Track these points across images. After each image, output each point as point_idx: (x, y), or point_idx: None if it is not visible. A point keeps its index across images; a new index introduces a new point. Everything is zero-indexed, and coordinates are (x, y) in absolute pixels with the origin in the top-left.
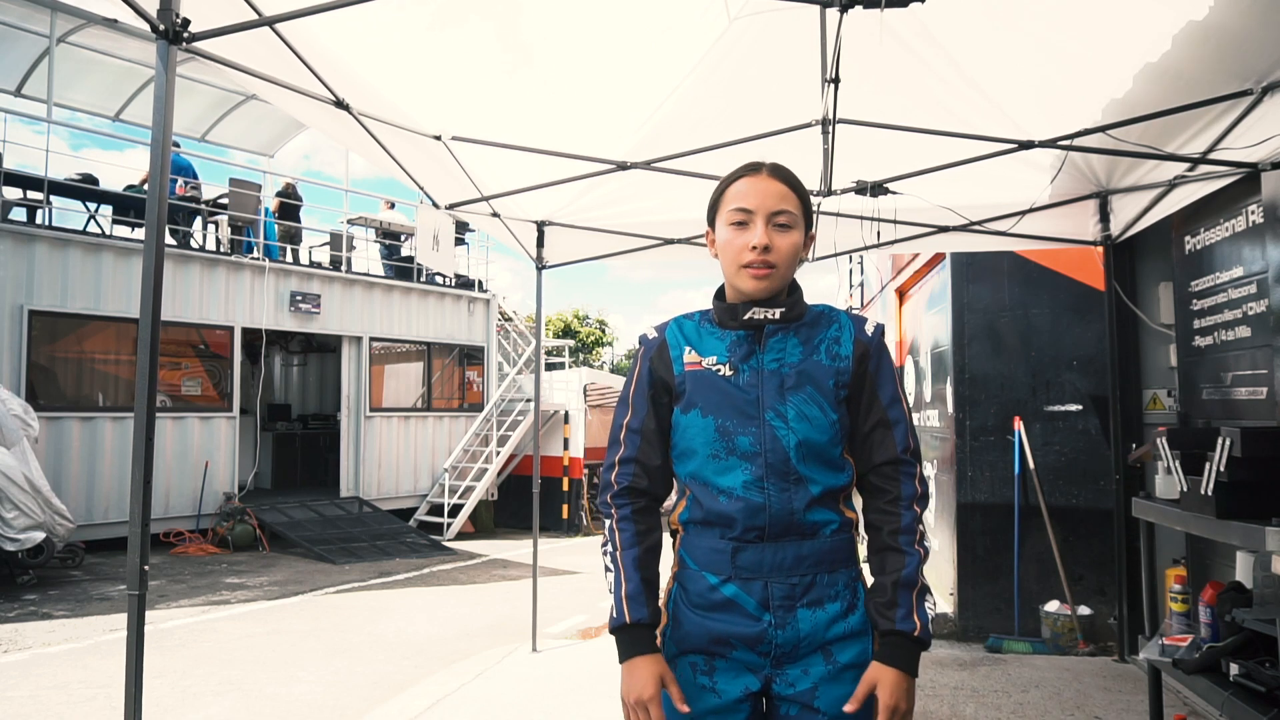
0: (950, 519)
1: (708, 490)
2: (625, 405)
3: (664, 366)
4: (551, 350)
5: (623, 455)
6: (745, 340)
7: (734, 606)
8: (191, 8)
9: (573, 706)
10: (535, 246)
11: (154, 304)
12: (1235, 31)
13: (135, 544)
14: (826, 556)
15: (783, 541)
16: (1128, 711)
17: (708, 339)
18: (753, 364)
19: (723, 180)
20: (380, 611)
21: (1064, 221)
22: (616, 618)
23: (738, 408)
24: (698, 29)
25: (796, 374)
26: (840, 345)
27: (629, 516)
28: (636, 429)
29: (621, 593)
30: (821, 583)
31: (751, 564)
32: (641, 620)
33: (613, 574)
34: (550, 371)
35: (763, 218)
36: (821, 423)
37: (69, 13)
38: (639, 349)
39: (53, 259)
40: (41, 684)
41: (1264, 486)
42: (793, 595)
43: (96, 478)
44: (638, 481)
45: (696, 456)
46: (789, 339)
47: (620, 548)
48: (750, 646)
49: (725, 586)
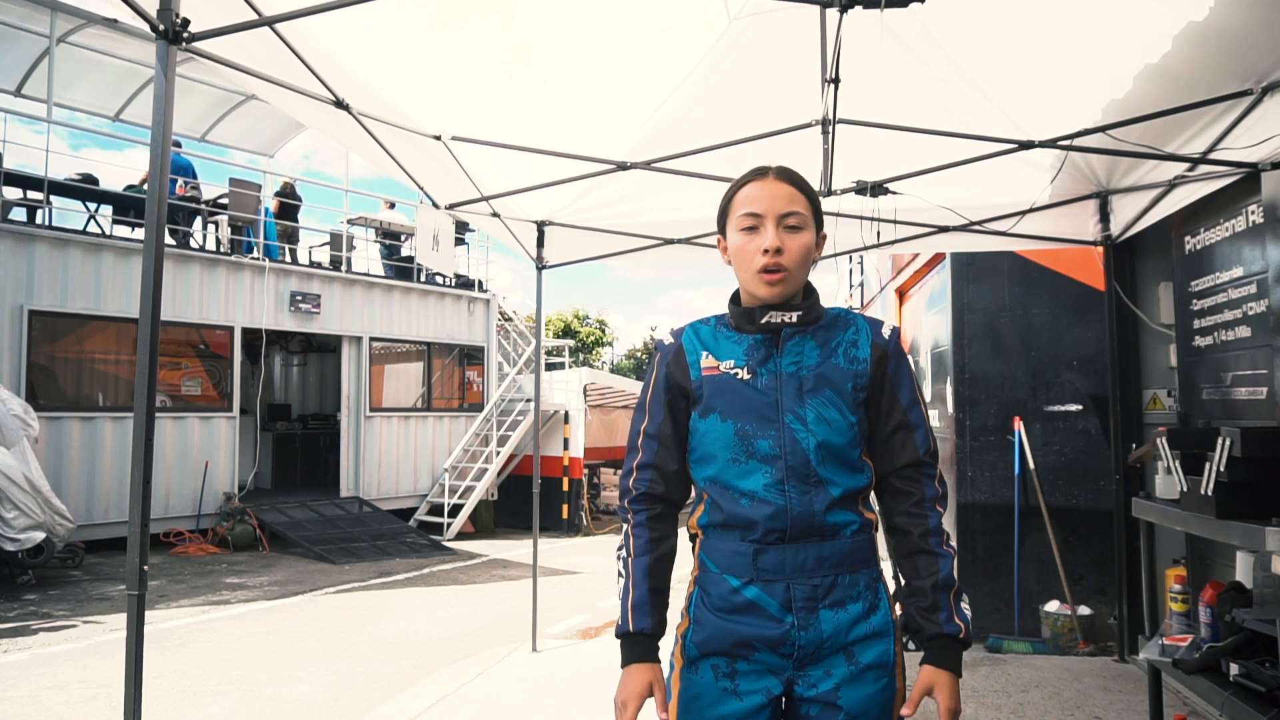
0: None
1: (728, 494)
2: (643, 410)
3: (681, 372)
4: (551, 350)
5: (640, 461)
6: (763, 344)
7: (756, 609)
8: (191, 8)
9: (573, 706)
10: (535, 246)
11: (154, 304)
12: (1235, 32)
13: (134, 544)
14: (848, 557)
15: (804, 543)
16: (1128, 711)
17: (725, 343)
18: (771, 367)
19: (730, 187)
20: (380, 611)
21: (1064, 221)
22: (622, 625)
23: (757, 411)
24: (698, 29)
25: (815, 377)
26: (858, 348)
27: (644, 523)
28: (654, 434)
29: (629, 601)
30: (843, 583)
31: (773, 566)
32: (644, 630)
33: (624, 580)
34: (550, 371)
35: (772, 220)
36: (840, 425)
37: (69, 13)
38: (655, 354)
39: (53, 259)
40: (41, 684)
41: (1264, 486)
42: (815, 596)
43: (96, 478)
44: (655, 487)
45: (716, 461)
46: (806, 342)
47: (633, 554)
48: (773, 649)
49: (747, 589)
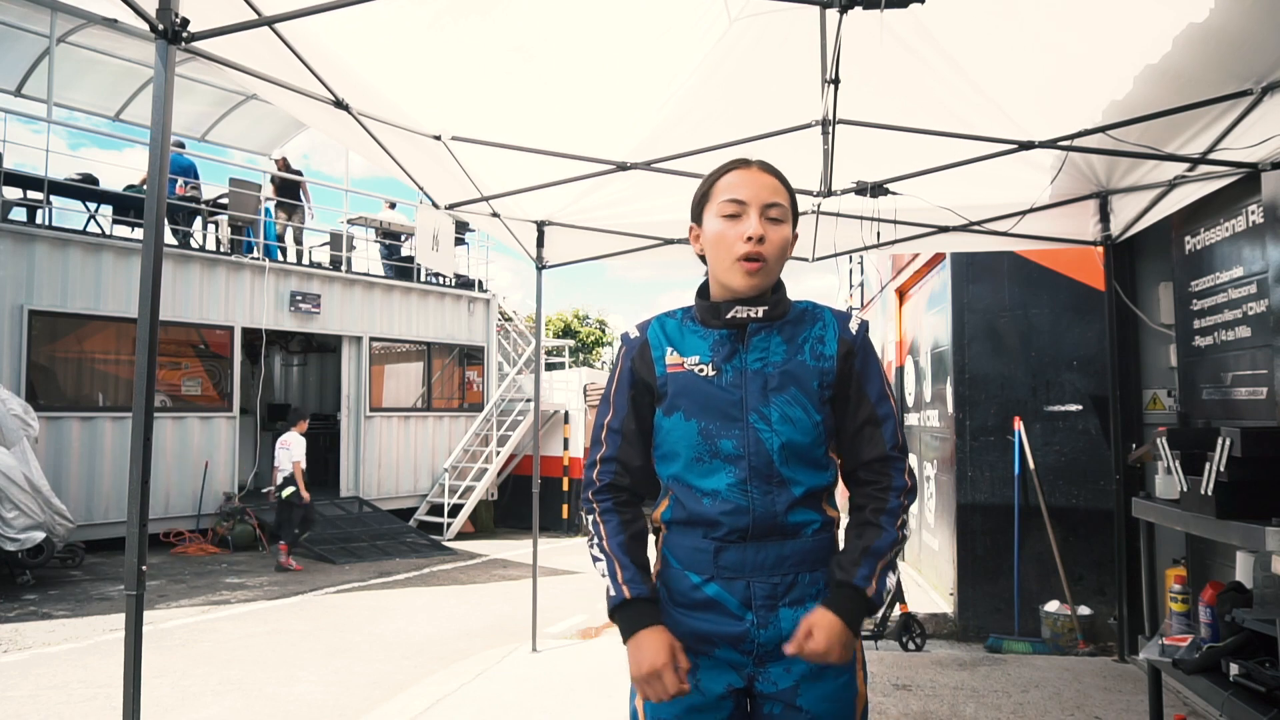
0: (950, 519)
1: (691, 492)
2: (607, 404)
3: (646, 368)
4: (551, 350)
5: (604, 454)
6: (728, 339)
7: (717, 606)
8: (191, 7)
9: (573, 707)
10: (535, 246)
11: (153, 304)
12: (1235, 32)
13: (133, 544)
14: (808, 556)
15: (765, 542)
16: (1128, 711)
17: (690, 338)
18: (736, 364)
19: (709, 175)
20: (380, 611)
21: (1064, 221)
22: (615, 597)
23: (720, 410)
24: (698, 30)
25: (780, 374)
26: (824, 344)
27: (612, 509)
28: (617, 429)
29: (618, 576)
30: (803, 582)
31: (734, 564)
32: (642, 595)
33: (604, 561)
34: (550, 371)
35: (756, 209)
36: (805, 424)
37: (69, 13)
38: (621, 348)
39: (53, 259)
40: (41, 684)
41: (1264, 486)
42: (775, 595)
43: (96, 478)
44: (619, 479)
45: (679, 459)
46: (772, 338)
47: (607, 536)
48: (733, 645)
49: (708, 586)
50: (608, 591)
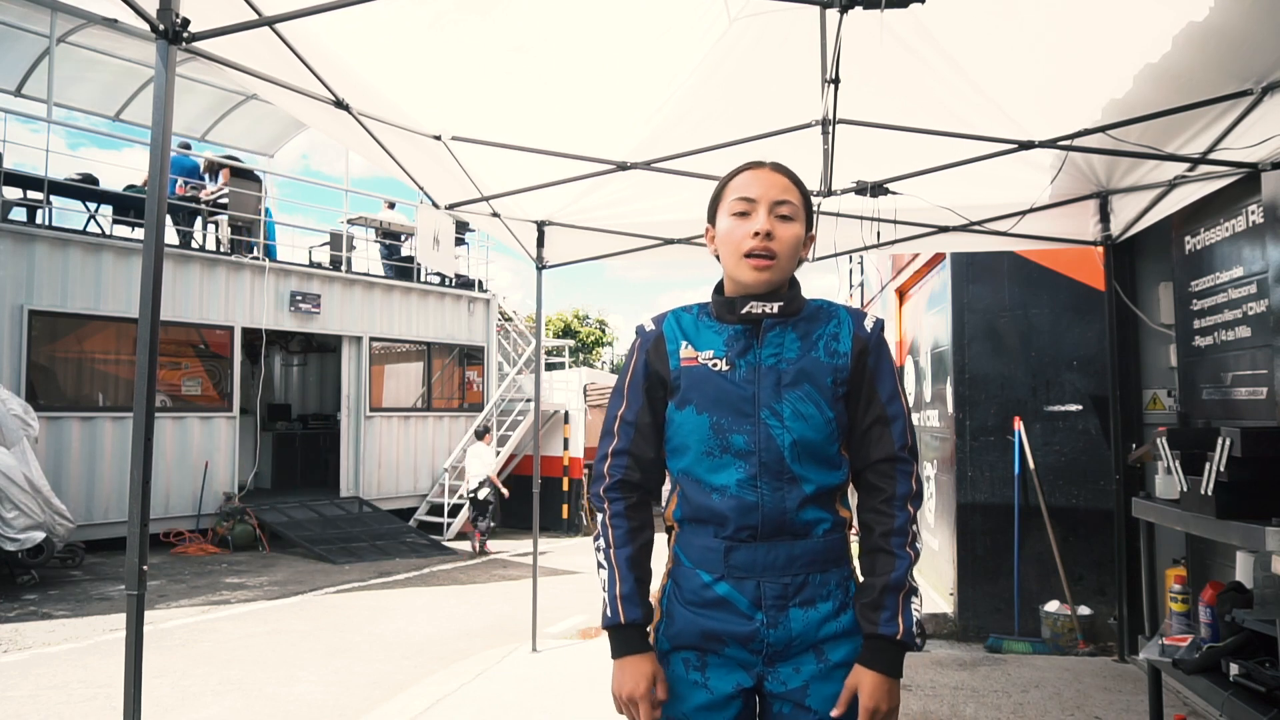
0: (950, 519)
1: (700, 487)
2: (620, 396)
3: (660, 360)
4: (551, 350)
5: (616, 447)
6: (743, 335)
7: (727, 605)
8: (191, 8)
9: (573, 706)
10: (535, 246)
11: (153, 304)
12: (1235, 32)
13: (134, 544)
14: (819, 556)
15: (775, 541)
16: (1128, 711)
17: (705, 333)
18: (750, 359)
19: (724, 177)
20: (380, 611)
21: (1064, 221)
22: (610, 617)
23: (733, 405)
24: (698, 30)
25: (794, 371)
26: (839, 341)
27: (622, 512)
28: (631, 421)
29: (616, 592)
30: (814, 582)
31: (744, 563)
32: (635, 620)
33: (606, 571)
34: (550, 371)
35: (765, 206)
36: (817, 421)
37: (69, 13)
38: (635, 340)
39: (53, 259)
40: (41, 684)
41: (1264, 486)
42: (785, 595)
43: (96, 478)
44: (630, 474)
45: (689, 453)
46: (787, 334)
47: (614, 545)
48: (743, 644)
49: (718, 585)
50: (603, 605)
